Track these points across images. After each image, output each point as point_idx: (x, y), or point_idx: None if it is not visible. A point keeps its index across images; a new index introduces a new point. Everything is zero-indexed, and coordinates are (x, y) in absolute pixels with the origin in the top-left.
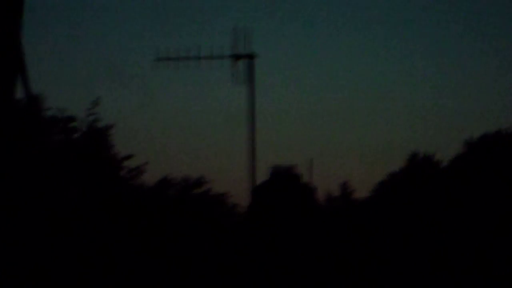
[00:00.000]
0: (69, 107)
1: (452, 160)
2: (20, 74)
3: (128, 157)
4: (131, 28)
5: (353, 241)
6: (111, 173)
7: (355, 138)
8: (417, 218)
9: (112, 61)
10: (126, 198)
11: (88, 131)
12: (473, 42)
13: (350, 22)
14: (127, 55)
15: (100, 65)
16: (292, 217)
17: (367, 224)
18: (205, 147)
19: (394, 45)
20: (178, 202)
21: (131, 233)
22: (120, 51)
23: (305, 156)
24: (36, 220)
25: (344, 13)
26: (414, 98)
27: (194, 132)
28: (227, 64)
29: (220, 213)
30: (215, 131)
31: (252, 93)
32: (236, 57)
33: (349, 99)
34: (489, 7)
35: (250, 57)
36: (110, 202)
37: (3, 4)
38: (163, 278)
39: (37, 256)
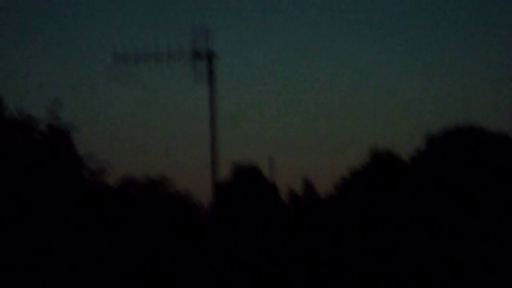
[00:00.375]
0: (30, 108)
1: (413, 156)
2: None
3: (89, 156)
4: (90, 25)
5: (318, 238)
6: (73, 173)
7: (315, 134)
8: (379, 214)
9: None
10: (88, 198)
11: (48, 131)
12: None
13: (310, 19)
14: (87, 52)
15: (60, 64)
16: (256, 214)
17: (331, 221)
18: (167, 146)
19: (354, 39)
20: (141, 201)
21: (93, 233)
22: (79, 48)
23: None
24: None
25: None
26: (373, 91)
27: (156, 130)
28: (187, 63)
29: (183, 212)
30: (176, 129)
31: (212, 91)
32: (196, 54)
33: (309, 95)
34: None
35: (210, 55)
36: (72, 202)
37: None
38: (125, 278)
39: None
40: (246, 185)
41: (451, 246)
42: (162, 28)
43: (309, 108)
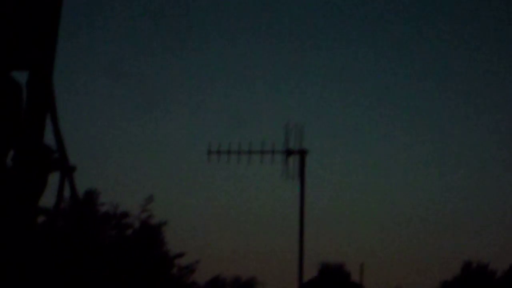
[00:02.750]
0: (123, 203)
1: (507, 271)
2: (70, 189)
3: (180, 255)
4: (184, 122)
5: None
6: (163, 271)
7: (406, 243)
8: None
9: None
10: None
11: (141, 228)
12: None
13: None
14: (181, 149)
15: (155, 161)
16: None
17: None
18: (257, 243)
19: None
20: None
21: None
22: (173, 146)
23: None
24: None
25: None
26: (469, 204)
27: (246, 228)
28: (279, 159)
29: None
30: (267, 228)
31: (302, 189)
32: (288, 152)
33: (398, 199)
34: None
35: (302, 152)
36: None
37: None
38: None
39: None
40: (332, 285)
41: None
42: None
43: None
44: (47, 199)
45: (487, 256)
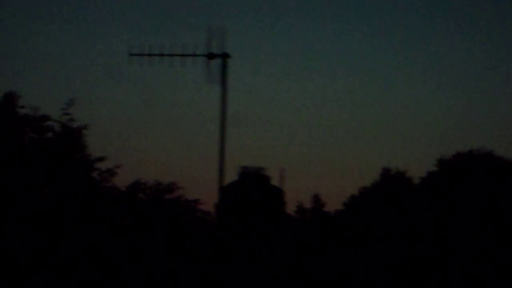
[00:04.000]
0: (44, 106)
1: (424, 178)
2: None
3: (101, 159)
4: (105, 26)
5: (323, 253)
6: (83, 174)
7: (326, 149)
8: (388, 234)
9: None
10: (97, 200)
11: (61, 131)
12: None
13: (331, 26)
14: (102, 51)
15: (75, 63)
16: (260, 219)
17: (337, 237)
18: (177, 147)
19: (372, 56)
20: (148, 206)
21: (99, 235)
22: (94, 48)
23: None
24: (5, 217)
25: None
26: (389, 113)
27: (168, 132)
28: (201, 62)
29: (191, 220)
30: (188, 132)
31: (224, 93)
32: (210, 56)
33: (321, 108)
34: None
35: (224, 56)
36: (80, 202)
37: None
38: (129, 281)
39: (4, 253)
40: (252, 187)
41: (457, 266)
42: (177, 28)
43: (324, 123)
44: None
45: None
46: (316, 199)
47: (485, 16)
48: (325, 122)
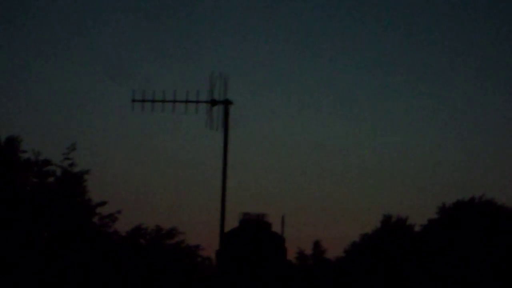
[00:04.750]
0: (45, 150)
1: (425, 225)
2: None
3: (102, 204)
4: (108, 71)
5: None
6: (84, 219)
7: (327, 196)
8: (389, 282)
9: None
10: (98, 245)
11: (63, 176)
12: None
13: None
14: (105, 98)
15: (78, 108)
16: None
17: (338, 285)
18: (179, 193)
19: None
20: (149, 251)
21: (101, 280)
22: (98, 94)
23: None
24: (6, 262)
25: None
26: (390, 160)
27: (169, 178)
28: (203, 109)
29: (191, 265)
30: (190, 178)
31: (226, 139)
32: (213, 102)
33: (323, 155)
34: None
35: (226, 103)
36: (81, 248)
37: None
38: None
39: None
40: (253, 234)
41: None
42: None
43: (325, 169)
44: None
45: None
46: (317, 245)
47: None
48: (326, 169)
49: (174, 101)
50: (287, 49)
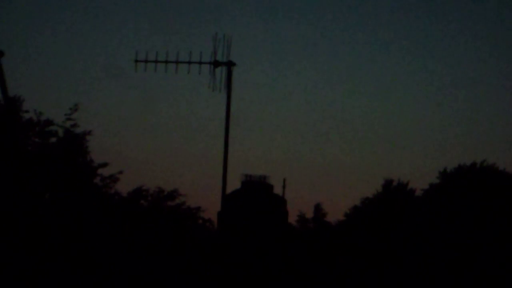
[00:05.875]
0: (47, 111)
1: (426, 190)
2: None
3: (103, 164)
4: (112, 29)
5: (324, 264)
6: (85, 180)
7: (328, 159)
8: (389, 245)
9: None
10: (99, 206)
11: (65, 136)
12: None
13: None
14: (108, 58)
15: (81, 67)
16: (262, 228)
17: (338, 248)
18: (181, 155)
19: (379, 67)
20: (151, 213)
21: (101, 241)
22: (101, 54)
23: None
24: (7, 222)
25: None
26: (391, 124)
27: (172, 139)
28: (206, 70)
29: (193, 227)
30: (192, 139)
31: (229, 100)
32: (216, 63)
33: (325, 118)
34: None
35: (229, 64)
36: (81, 208)
37: None
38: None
39: (5, 257)
40: (255, 196)
41: (458, 278)
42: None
43: (326, 133)
44: None
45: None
46: (318, 209)
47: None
48: (328, 132)
49: (177, 62)
50: (290, 9)
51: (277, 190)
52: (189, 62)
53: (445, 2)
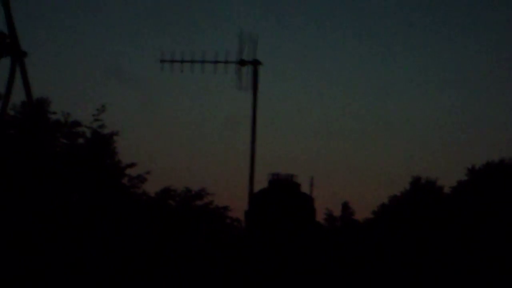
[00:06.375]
0: (75, 112)
1: (454, 187)
2: (21, 76)
3: (131, 165)
4: (137, 29)
5: (352, 262)
6: (114, 180)
7: (356, 157)
8: (418, 243)
9: (118, 64)
10: (127, 206)
11: (92, 137)
12: (481, 71)
13: (362, 33)
14: (133, 57)
15: (106, 68)
16: (290, 227)
17: (367, 246)
18: (208, 154)
19: (408, 65)
20: (179, 213)
21: (129, 241)
22: (127, 52)
23: (304, 169)
24: (37, 223)
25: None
26: (420, 121)
27: (199, 139)
28: (232, 69)
29: (220, 226)
30: (219, 139)
31: (255, 99)
32: (242, 62)
33: (353, 116)
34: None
35: (255, 63)
36: (110, 209)
37: None
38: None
39: (36, 258)
40: (282, 194)
41: (486, 276)
42: (208, 35)
43: (354, 131)
44: None
45: (435, 172)
46: (346, 207)
47: None
48: (356, 130)
49: (203, 62)
50: (317, 8)
51: (305, 188)
52: (215, 62)
53: None
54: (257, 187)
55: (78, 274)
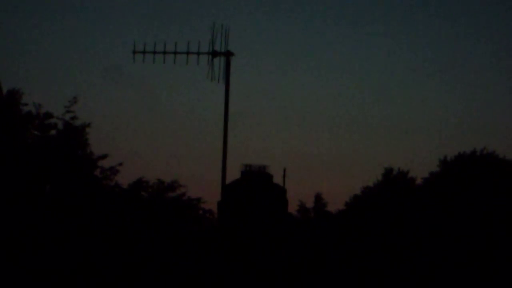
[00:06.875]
0: (47, 104)
1: (426, 178)
2: None
3: (103, 156)
4: (110, 21)
5: (324, 253)
6: (85, 172)
7: (328, 148)
8: (390, 234)
9: (91, 57)
10: (99, 198)
11: (64, 129)
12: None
13: (336, 24)
14: (105, 48)
15: (79, 59)
16: (263, 218)
17: (340, 238)
18: (180, 145)
19: (379, 57)
20: (152, 204)
21: (102, 233)
22: (98, 44)
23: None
24: (7, 216)
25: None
26: (392, 113)
27: (170, 130)
28: (204, 60)
29: (193, 218)
30: (191, 130)
31: (227, 91)
32: (214, 54)
33: (325, 106)
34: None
35: (228, 54)
36: (82, 201)
37: None
38: (131, 280)
39: (5, 251)
40: (255, 185)
41: (458, 267)
42: (180, 26)
43: (326, 122)
44: None
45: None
46: (318, 198)
47: (487, 15)
48: (328, 121)
49: (175, 53)
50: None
51: (277, 180)
52: (187, 53)
53: None
54: (230, 179)
55: (49, 266)
